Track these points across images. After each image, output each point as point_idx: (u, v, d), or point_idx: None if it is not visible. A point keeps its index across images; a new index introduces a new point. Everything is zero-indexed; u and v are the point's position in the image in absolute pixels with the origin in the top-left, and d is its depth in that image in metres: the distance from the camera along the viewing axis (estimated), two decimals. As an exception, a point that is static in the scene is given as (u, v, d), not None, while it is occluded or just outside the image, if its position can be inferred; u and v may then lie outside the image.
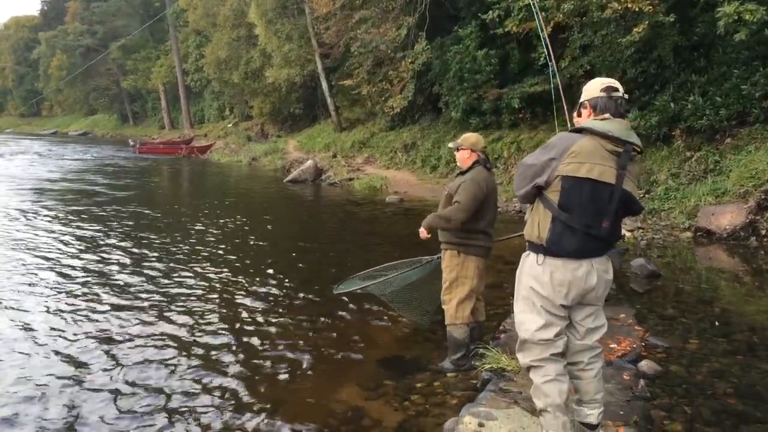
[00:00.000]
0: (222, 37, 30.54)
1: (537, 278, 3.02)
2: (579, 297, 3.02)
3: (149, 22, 43.57)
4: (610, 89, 3.01)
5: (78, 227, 10.91)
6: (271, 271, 8.04)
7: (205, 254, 8.95)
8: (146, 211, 13.03)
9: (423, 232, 4.70)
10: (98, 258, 8.60)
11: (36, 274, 7.66)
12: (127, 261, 8.46)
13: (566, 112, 5.74)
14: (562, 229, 2.93)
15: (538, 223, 3.02)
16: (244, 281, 7.52)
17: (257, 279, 7.63)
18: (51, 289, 7.06)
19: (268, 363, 5.07)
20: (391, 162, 19.41)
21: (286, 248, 9.80)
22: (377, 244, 9.96)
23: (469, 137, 4.77)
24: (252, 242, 9.97)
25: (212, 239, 10.03)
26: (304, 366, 5.01)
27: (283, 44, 24.47)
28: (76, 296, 6.79)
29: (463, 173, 4.70)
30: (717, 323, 5.53)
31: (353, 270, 6.33)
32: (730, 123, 10.24)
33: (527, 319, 3.08)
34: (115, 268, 8.07)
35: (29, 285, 7.20)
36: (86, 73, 55.31)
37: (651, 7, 9.98)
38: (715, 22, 9.38)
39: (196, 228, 11.02)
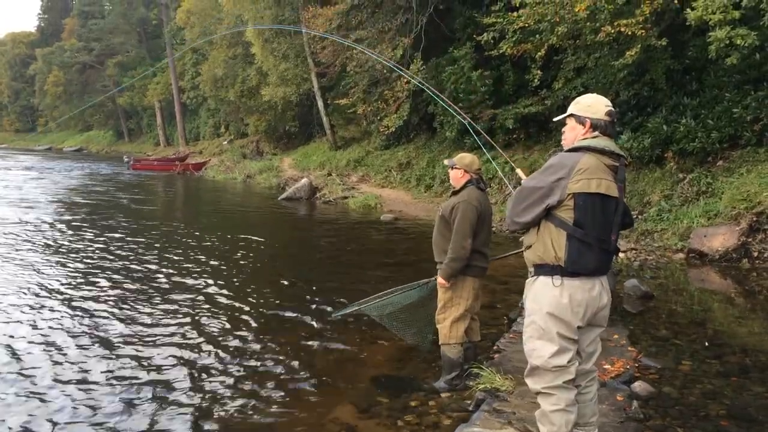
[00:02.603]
0: (219, 55, 30.74)
1: (554, 301, 2.99)
2: (592, 317, 3.04)
3: (147, 44, 43.84)
4: (612, 114, 3.08)
5: (70, 247, 10.88)
6: (265, 290, 8.04)
7: (199, 272, 8.92)
8: (138, 230, 13.01)
9: (444, 283, 4.59)
10: (71, 277, 8.58)
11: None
12: (113, 279, 8.45)
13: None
14: (579, 246, 2.95)
15: (551, 243, 3.00)
16: (237, 299, 7.50)
17: (251, 297, 7.62)
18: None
19: (261, 381, 5.05)
20: (385, 181, 19.47)
21: (280, 267, 9.79)
22: (372, 263, 9.95)
23: (464, 158, 4.77)
24: (246, 261, 9.95)
25: (205, 257, 10.01)
26: (298, 384, 4.99)
27: (280, 63, 24.64)
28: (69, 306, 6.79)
29: (455, 193, 4.72)
30: (707, 344, 5.55)
31: (348, 289, 6.34)
32: (722, 146, 10.33)
33: (539, 345, 3.05)
34: (98, 287, 8.06)
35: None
36: (82, 90, 55.54)
37: (643, 31, 10.09)
38: (706, 46, 9.49)
39: (191, 246, 11.00)
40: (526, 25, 11.83)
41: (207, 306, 7.19)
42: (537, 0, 11.27)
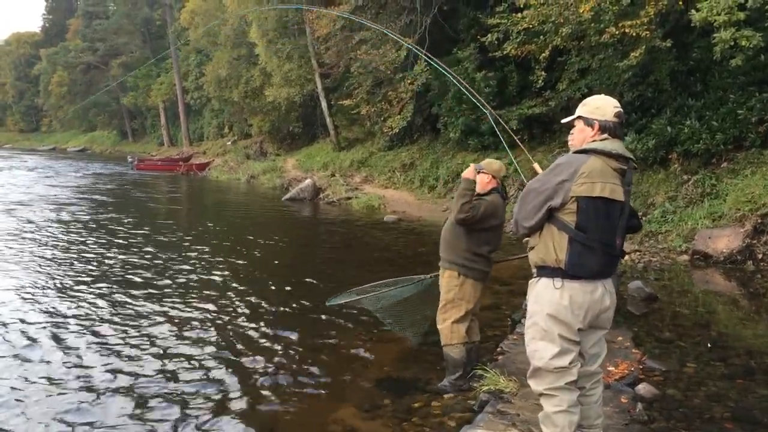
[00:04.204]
0: (222, 55, 30.72)
1: (554, 303, 2.99)
2: (594, 319, 3.03)
3: (151, 45, 43.84)
4: (621, 116, 3.05)
5: (71, 249, 10.93)
6: (268, 290, 8.05)
7: (203, 271, 8.95)
8: (146, 229, 13.04)
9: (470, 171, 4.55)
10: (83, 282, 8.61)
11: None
12: (122, 280, 8.47)
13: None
14: (582, 250, 2.93)
15: (552, 246, 2.99)
16: (240, 300, 7.51)
17: (254, 298, 7.62)
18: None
19: (263, 382, 5.06)
20: (389, 181, 19.44)
21: (283, 267, 9.80)
22: (375, 264, 9.95)
23: (493, 164, 4.75)
24: (249, 261, 9.96)
25: (209, 257, 10.03)
26: (300, 385, 5.00)
27: (283, 64, 24.63)
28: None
29: (479, 197, 4.65)
30: (710, 346, 5.54)
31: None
32: (727, 147, 10.31)
33: (541, 346, 3.04)
34: (105, 289, 8.09)
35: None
36: (86, 90, 55.55)
37: (648, 33, 10.08)
38: (711, 47, 9.47)
39: (196, 245, 11.02)
40: (530, 26, 11.82)
41: (210, 305, 7.20)
42: (541, 1, 11.26)
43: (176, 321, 6.63)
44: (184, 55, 41.41)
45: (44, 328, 6.32)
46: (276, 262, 10.24)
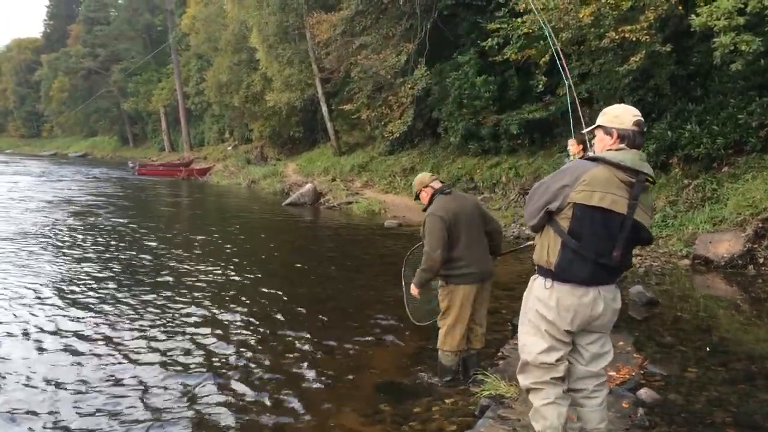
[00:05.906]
0: (223, 61, 30.79)
1: (543, 302, 3.03)
2: (584, 324, 3.02)
3: (152, 50, 43.98)
4: (641, 124, 3.02)
5: (76, 257, 10.94)
6: (269, 294, 8.03)
7: (202, 276, 8.94)
8: (148, 232, 13.04)
9: (415, 291, 4.81)
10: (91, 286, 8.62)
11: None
12: (124, 288, 8.47)
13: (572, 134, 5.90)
14: (572, 256, 2.93)
15: (547, 247, 3.02)
16: (241, 304, 7.50)
17: (256, 302, 7.62)
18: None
19: (263, 387, 5.05)
20: (389, 186, 19.44)
21: (284, 272, 9.79)
22: (376, 268, 9.94)
23: (415, 180, 5.08)
24: (250, 265, 9.95)
25: (210, 262, 10.01)
26: (300, 389, 4.99)
27: (284, 69, 24.67)
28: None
29: (425, 210, 4.87)
30: (708, 350, 5.53)
31: (351, 294, 6.32)
32: (728, 151, 10.30)
33: (531, 341, 3.09)
34: (104, 297, 8.09)
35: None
36: (87, 95, 55.68)
37: (648, 37, 10.10)
38: (711, 52, 9.49)
39: (197, 250, 11.02)
40: (531, 30, 11.85)
41: (208, 308, 7.19)
42: (541, 6, 11.28)
43: (175, 322, 6.63)
44: (184, 61, 41.49)
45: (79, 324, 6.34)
46: (276, 266, 10.23)
